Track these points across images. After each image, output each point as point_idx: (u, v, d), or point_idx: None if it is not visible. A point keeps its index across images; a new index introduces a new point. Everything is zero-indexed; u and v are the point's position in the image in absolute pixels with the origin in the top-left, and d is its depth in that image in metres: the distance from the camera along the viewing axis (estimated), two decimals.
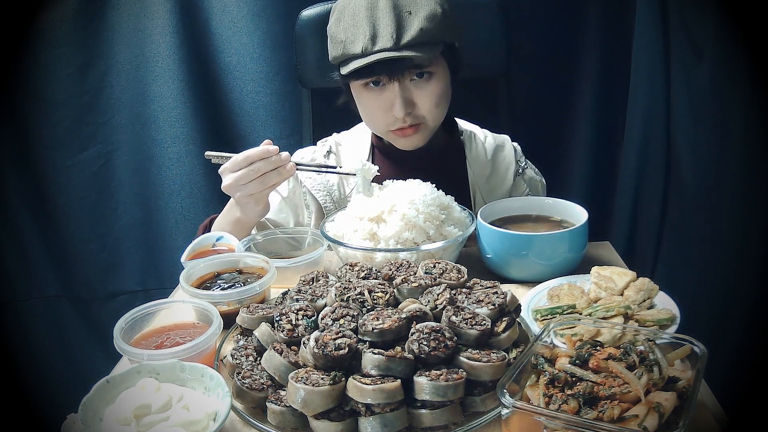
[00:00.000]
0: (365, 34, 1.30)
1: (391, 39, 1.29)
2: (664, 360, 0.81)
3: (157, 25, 1.95)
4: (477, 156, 1.55)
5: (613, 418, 0.75)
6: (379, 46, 1.30)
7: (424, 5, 1.31)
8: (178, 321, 1.07)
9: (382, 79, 1.35)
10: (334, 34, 1.36)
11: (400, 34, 1.29)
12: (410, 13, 1.30)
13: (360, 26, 1.31)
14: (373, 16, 1.31)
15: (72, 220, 2.13)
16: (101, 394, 0.87)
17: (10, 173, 2.08)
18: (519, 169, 1.57)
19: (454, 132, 1.58)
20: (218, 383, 0.88)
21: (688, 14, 1.67)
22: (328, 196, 1.51)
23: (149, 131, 2.06)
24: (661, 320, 1.01)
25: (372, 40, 1.30)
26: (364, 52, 1.31)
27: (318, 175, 1.51)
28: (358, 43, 1.31)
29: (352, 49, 1.32)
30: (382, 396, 0.80)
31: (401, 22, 1.30)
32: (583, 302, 1.09)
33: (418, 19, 1.30)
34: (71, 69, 1.99)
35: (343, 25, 1.34)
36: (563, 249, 1.23)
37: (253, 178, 1.26)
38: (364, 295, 0.94)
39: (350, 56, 1.33)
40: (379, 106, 1.39)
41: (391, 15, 1.30)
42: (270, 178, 1.28)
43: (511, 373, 0.81)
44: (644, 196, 2.01)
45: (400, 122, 1.39)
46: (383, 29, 1.30)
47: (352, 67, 1.33)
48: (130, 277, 2.21)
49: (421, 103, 1.38)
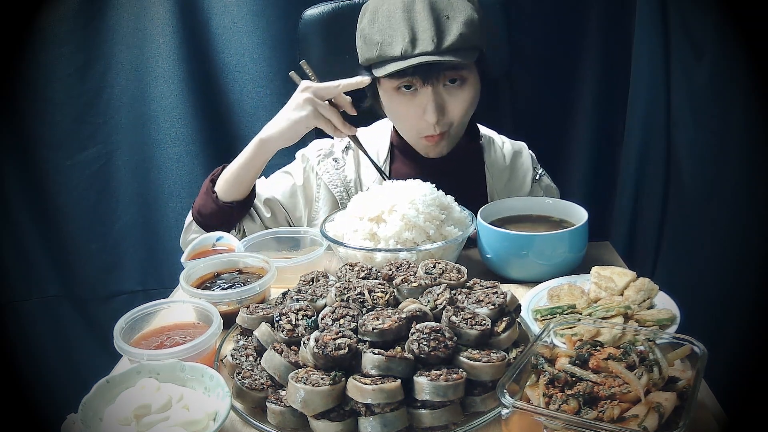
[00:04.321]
0: (404, 37, 1.28)
1: (431, 42, 1.27)
2: (664, 360, 0.81)
3: (157, 25, 1.95)
4: (495, 161, 1.55)
5: (613, 418, 0.75)
6: (420, 50, 1.28)
7: (461, 10, 1.30)
8: (178, 321, 1.07)
9: (415, 83, 1.33)
10: (368, 35, 1.34)
11: (440, 38, 1.27)
12: (448, 18, 1.29)
13: (397, 28, 1.29)
14: (410, 18, 1.29)
15: (72, 220, 2.13)
16: (101, 394, 0.87)
17: (10, 173, 2.08)
18: (536, 176, 1.57)
19: (476, 137, 1.56)
20: (218, 383, 0.88)
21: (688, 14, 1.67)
22: (344, 193, 1.49)
23: (149, 131, 2.06)
24: (661, 320, 1.01)
25: (411, 43, 1.28)
26: (404, 54, 1.28)
27: (336, 171, 1.50)
28: (397, 46, 1.29)
29: (390, 51, 1.30)
30: (382, 396, 0.80)
31: (440, 26, 1.28)
32: (583, 302, 1.09)
33: (456, 24, 1.28)
34: (71, 69, 1.99)
35: (378, 26, 1.31)
36: (563, 249, 1.23)
37: (332, 95, 1.36)
38: (364, 295, 0.94)
39: (388, 58, 1.31)
40: (410, 110, 1.37)
41: (430, 18, 1.28)
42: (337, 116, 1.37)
43: (511, 373, 0.81)
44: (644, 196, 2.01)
45: (431, 129, 1.36)
46: (423, 32, 1.28)
47: (390, 70, 1.30)
48: (130, 277, 2.21)
49: (452, 110, 1.36)
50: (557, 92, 2.07)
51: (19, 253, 2.16)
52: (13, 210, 2.11)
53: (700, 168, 1.70)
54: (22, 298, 2.21)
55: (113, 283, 2.21)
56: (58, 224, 2.14)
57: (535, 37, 1.98)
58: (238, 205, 1.43)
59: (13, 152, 2.06)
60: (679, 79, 1.75)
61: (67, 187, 2.10)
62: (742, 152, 1.51)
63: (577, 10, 1.99)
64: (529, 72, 1.99)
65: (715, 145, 1.61)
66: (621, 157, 2.08)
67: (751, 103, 1.45)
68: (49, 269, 2.20)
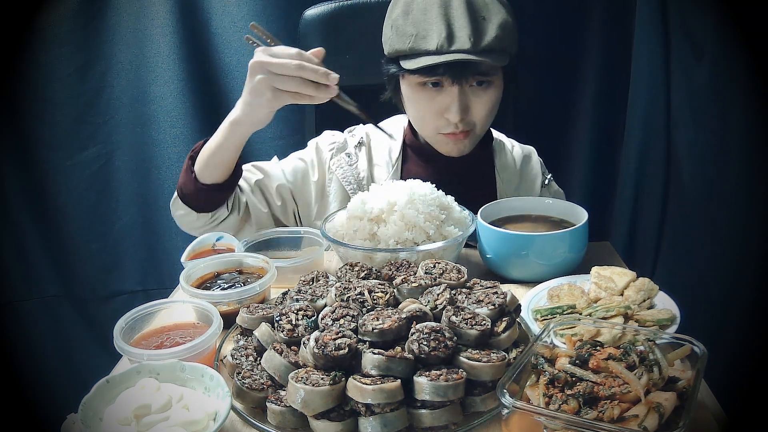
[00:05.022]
0: (440, 32, 1.27)
1: (468, 41, 1.26)
2: (664, 360, 0.81)
3: (157, 25, 1.96)
4: (506, 165, 1.55)
5: (613, 418, 0.75)
6: (456, 47, 1.27)
7: (497, 13, 1.29)
8: (178, 321, 1.07)
9: (443, 80, 1.32)
10: (400, 26, 1.32)
11: (478, 38, 1.27)
12: (484, 19, 1.28)
13: (433, 22, 1.28)
14: (447, 14, 1.28)
15: (72, 220, 2.13)
16: (101, 394, 0.86)
17: (10, 173, 2.08)
18: (545, 180, 1.57)
19: (489, 141, 1.55)
20: (218, 383, 0.87)
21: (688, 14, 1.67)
22: (357, 189, 1.47)
23: (149, 131, 2.06)
24: (661, 320, 1.01)
25: (448, 39, 1.27)
26: (439, 49, 1.27)
27: (350, 166, 1.48)
28: (432, 40, 1.28)
29: (424, 44, 1.29)
30: (382, 396, 0.80)
31: (477, 25, 1.27)
32: (583, 302, 1.09)
33: (492, 26, 1.28)
34: (71, 69, 1.99)
35: (412, 18, 1.30)
36: (563, 249, 1.23)
37: (292, 74, 1.13)
38: (364, 295, 0.94)
39: (421, 51, 1.29)
40: (432, 107, 1.36)
41: (467, 17, 1.27)
42: (305, 85, 1.15)
43: (511, 373, 0.81)
44: (644, 196, 2.01)
45: (452, 127, 1.36)
46: (460, 30, 1.27)
47: (422, 63, 1.28)
48: (130, 277, 2.21)
49: (476, 111, 1.36)
50: (558, 92, 2.07)
51: (19, 253, 2.16)
52: (13, 210, 2.11)
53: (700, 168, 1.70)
54: (22, 298, 2.21)
55: (113, 283, 2.21)
56: (58, 224, 2.14)
57: (536, 37, 1.98)
58: (219, 187, 1.34)
59: (13, 152, 2.06)
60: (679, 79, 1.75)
61: (67, 187, 2.10)
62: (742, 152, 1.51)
63: (577, 11, 1.99)
64: (530, 72, 1.99)
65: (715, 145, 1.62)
66: (621, 157, 2.08)
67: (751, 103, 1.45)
68: (49, 269, 2.20)
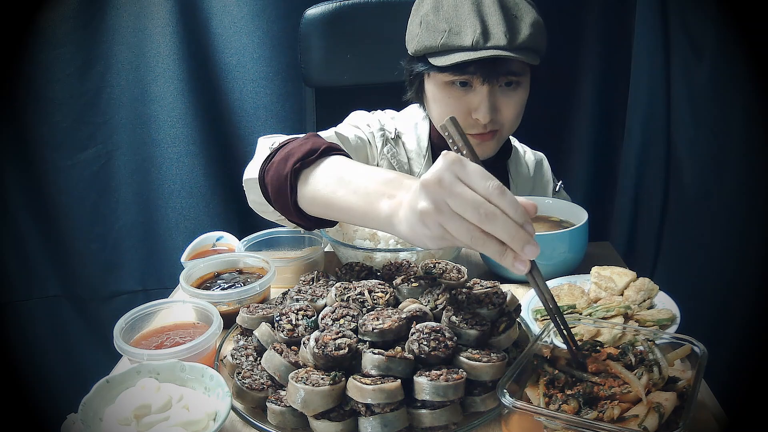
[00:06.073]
0: (475, 28, 1.24)
1: (504, 37, 1.24)
2: (664, 360, 0.81)
3: (157, 25, 1.95)
4: (520, 171, 1.55)
5: (613, 418, 0.75)
6: (492, 43, 1.24)
7: (528, 12, 1.28)
8: (178, 321, 1.07)
9: (473, 80, 1.29)
10: (432, 22, 1.28)
11: (513, 35, 1.25)
12: (516, 17, 1.26)
13: (467, 18, 1.25)
14: (480, 11, 1.25)
15: (72, 220, 2.13)
16: (101, 394, 0.86)
17: (10, 173, 2.08)
18: (556, 187, 1.57)
19: (509, 148, 1.54)
20: (218, 383, 0.87)
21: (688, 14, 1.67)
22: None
23: (149, 131, 2.06)
24: (661, 320, 1.01)
25: (483, 35, 1.24)
26: (475, 45, 1.24)
27: (394, 157, 1.44)
28: (467, 36, 1.25)
29: (458, 40, 1.25)
30: (382, 396, 0.80)
31: (511, 23, 1.26)
32: (583, 302, 1.09)
33: (525, 24, 1.26)
34: (71, 69, 1.99)
35: (443, 14, 1.27)
36: (563, 249, 1.23)
37: (475, 222, 0.76)
38: (364, 295, 0.94)
39: (454, 47, 1.26)
40: (459, 107, 1.32)
41: (500, 14, 1.25)
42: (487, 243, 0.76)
43: (511, 373, 0.81)
44: (644, 196, 2.01)
45: (480, 127, 1.33)
46: (494, 26, 1.25)
47: (456, 59, 1.24)
48: (130, 277, 2.21)
49: (505, 112, 1.33)
50: (558, 92, 2.07)
51: (19, 253, 2.16)
52: (13, 210, 2.11)
53: (700, 168, 1.70)
54: (22, 298, 2.21)
55: (113, 283, 2.21)
56: (58, 224, 2.14)
57: None
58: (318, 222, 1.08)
59: (13, 152, 2.06)
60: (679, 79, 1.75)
61: (67, 187, 2.09)
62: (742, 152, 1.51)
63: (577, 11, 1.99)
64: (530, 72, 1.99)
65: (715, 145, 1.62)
66: (621, 157, 2.08)
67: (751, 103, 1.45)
68: (49, 269, 2.19)
